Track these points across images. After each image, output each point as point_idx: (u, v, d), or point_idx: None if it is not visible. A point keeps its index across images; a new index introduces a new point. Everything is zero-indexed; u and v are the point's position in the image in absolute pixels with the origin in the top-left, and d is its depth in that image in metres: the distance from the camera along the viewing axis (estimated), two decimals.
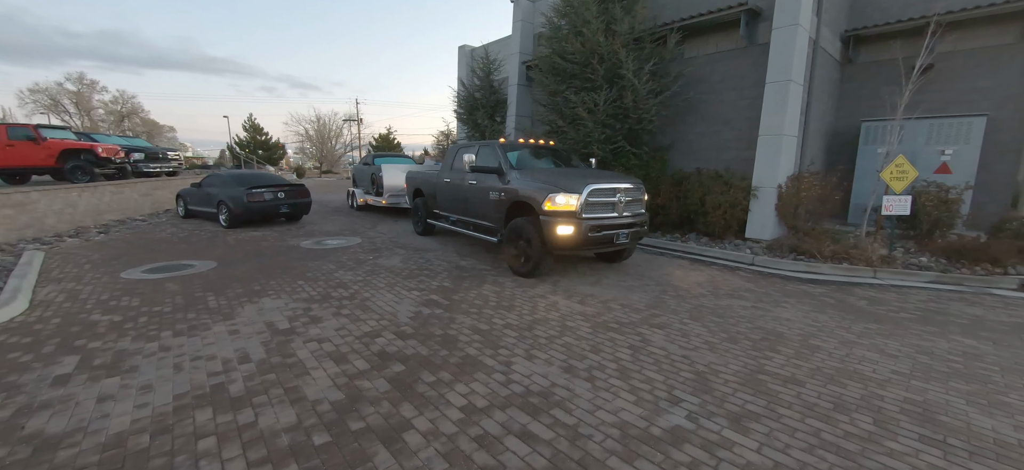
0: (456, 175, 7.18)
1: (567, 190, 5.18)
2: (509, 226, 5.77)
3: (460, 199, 7.10)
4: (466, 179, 6.80)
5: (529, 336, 3.74)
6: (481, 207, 6.50)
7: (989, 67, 8.12)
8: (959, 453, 2.26)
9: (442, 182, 7.65)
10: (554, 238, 5.12)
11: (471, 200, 6.75)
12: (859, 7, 9.42)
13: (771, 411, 2.63)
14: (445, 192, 7.60)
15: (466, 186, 6.83)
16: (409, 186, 9.21)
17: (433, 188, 8.03)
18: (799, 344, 3.67)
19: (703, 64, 9.28)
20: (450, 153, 7.78)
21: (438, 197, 7.85)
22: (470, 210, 6.84)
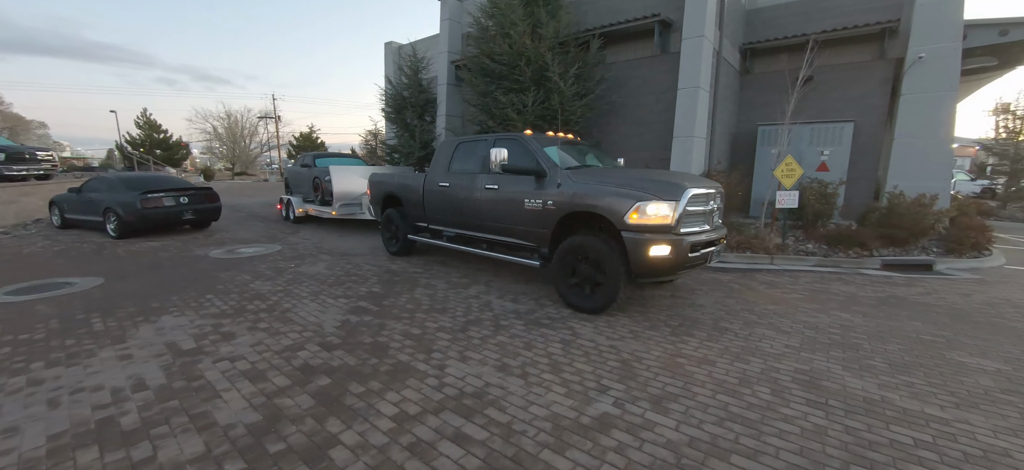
0: (459, 178, 5.67)
1: (660, 196, 3.91)
2: (565, 246, 4.38)
3: (467, 209, 5.52)
4: (480, 183, 5.33)
5: (463, 338, 3.72)
6: (508, 219, 5.03)
7: (854, 80, 9.49)
8: (837, 412, 2.62)
9: (434, 187, 6.01)
10: (644, 261, 3.87)
11: (489, 211, 5.23)
12: (753, 23, 10.54)
13: (687, 391, 2.85)
14: (439, 200, 5.96)
15: (480, 192, 5.31)
16: (374, 193, 7.42)
17: (416, 195, 6.36)
18: (710, 327, 4.02)
19: (624, 69, 9.84)
20: (443, 150, 6.10)
21: (428, 206, 6.19)
22: (486, 223, 5.32)
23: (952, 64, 8.03)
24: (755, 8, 10.59)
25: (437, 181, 6.01)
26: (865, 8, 9.21)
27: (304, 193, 11.12)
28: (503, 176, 5.07)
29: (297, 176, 11.72)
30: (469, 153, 5.72)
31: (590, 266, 4.25)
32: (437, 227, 6.20)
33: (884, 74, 9.22)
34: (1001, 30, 8.89)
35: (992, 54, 9.76)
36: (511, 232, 5.07)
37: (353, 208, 9.62)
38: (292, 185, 11.97)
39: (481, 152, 5.52)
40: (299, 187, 11.44)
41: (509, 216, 5.02)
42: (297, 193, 11.47)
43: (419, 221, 6.51)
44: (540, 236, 4.75)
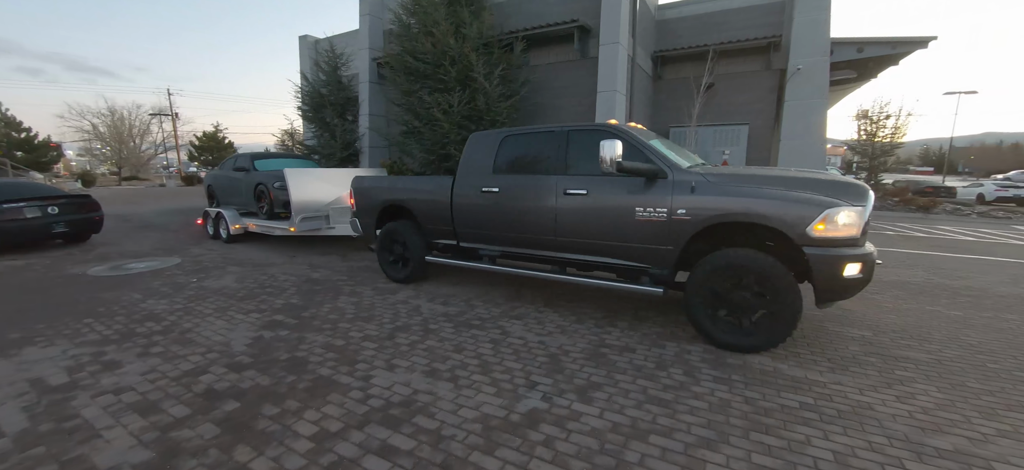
0: (515, 181, 4.45)
1: (850, 202, 3.20)
2: (709, 266, 3.41)
3: (533, 222, 4.32)
4: (555, 187, 4.15)
5: (390, 345, 3.59)
6: (608, 234, 3.91)
7: (748, 87, 10.63)
8: (739, 385, 2.91)
9: (473, 194, 4.71)
10: (838, 285, 3.13)
11: (574, 223, 4.08)
12: (663, 33, 11.39)
13: (611, 379, 3.00)
14: (480, 210, 4.67)
15: (557, 198, 4.14)
16: (364, 201, 5.80)
17: (438, 204, 4.99)
18: (631, 317, 4.27)
19: (547, 72, 10.13)
20: (481, 147, 4.78)
21: (460, 218, 4.86)
22: (568, 240, 4.16)
23: (822, 75, 9.31)
24: (664, 19, 11.45)
25: (477, 185, 4.65)
26: (754, 24, 10.36)
27: (241, 204, 8.76)
28: (595, 179, 3.94)
29: (228, 183, 9.09)
30: (529, 148, 4.50)
31: (752, 292, 3.31)
32: (471, 245, 4.88)
33: (771, 83, 10.44)
34: (858, 47, 10.47)
35: (852, 68, 11.45)
36: (610, 250, 3.94)
37: (317, 223, 7.42)
38: (220, 194, 9.41)
39: (553, 147, 4.28)
40: (232, 196, 9.00)
41: (610, 230, 3.87)
42: (229, 204, 9.02)
43: (442, 238, 5.12)
44: (660, 255, 3.69)
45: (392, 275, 5.61)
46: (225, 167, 9.57)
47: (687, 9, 11.37)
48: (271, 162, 8.85)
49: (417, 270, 5.37)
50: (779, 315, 3.23)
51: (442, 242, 5.22)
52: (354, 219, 6.02)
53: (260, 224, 8.01)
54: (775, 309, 3.23)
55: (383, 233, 5.60)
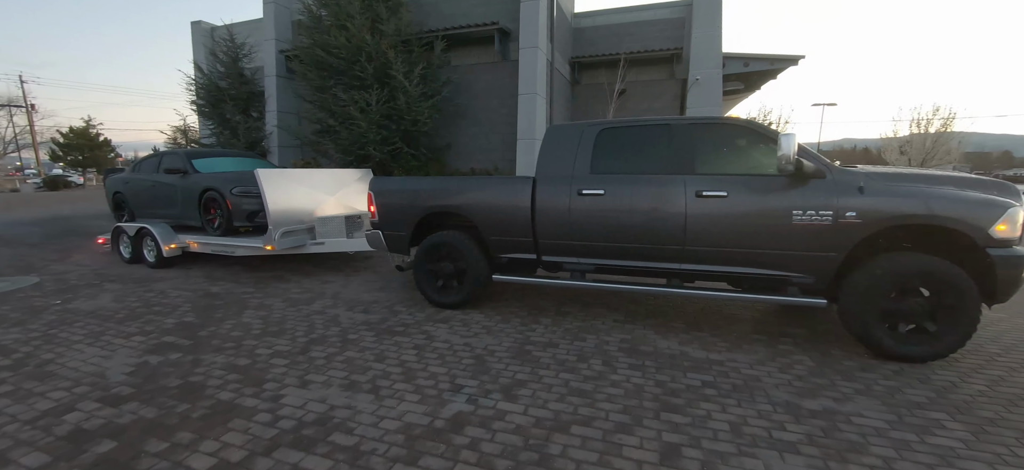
0: (626, 183, 3.81)
1: (1016, 198, 3.13)
2: (879, 271, 3.16)
3: (651, 229, 3.73)
4: (685, 189, 3.60)
5: (304, 361, 3.34)
6: (755, 241, 3.47)
7: (656, 94, 11.51)
8: (651, 370, 3.12)
9: (566, 198, 3.96)
10: (1016, 284, 3.05)
11: (711, 230, 3.57)
12: (579, 40, 11.93)
13: (535, 375, 3.07)
14: (582, 215, 3.93)
15: (687, 203, 3.59)
16: (391, 209, 4.71)
17: (512, 210, 4.17)
18: (554, 313, 4.41)
19: (469, 73, 10.11)
20: (568, 143, 4.11)
21: (546, 227, 4.08)
22: (702, 249, 3.63)
23: (716, 85, 10.36)
24: (580, 27, 12.00)
25: (572, 187, 3.95)
26: (659, 36, 11.25)
27: (173, 216, 6.74)
28: (737, 179, 3.52)
29: (151, 189, 6.95)
30: (638, 144, 3.93)
31: (932, 299, 3.14)
32: (557, 258, 4.17)
33: (675, 91, 11.41)
34: (745, 62, 11.81)
35: (740, 80, 12.90)
36: (753, 259, 3.52)
37: (300, 238, 5.76)
38: (136, 204, 7.24)
39: (671, 143, 3.76)
40: (157, 207, 6.92)
41: (759, 236, 3.45)
42: (157, 217, 6.87)
43: (514, 251, 4.29)
44: (819, 262, 3.35)
45: (439, 300, 4.50)
46: (143, 168, 7.31)
47: (600, 19, 12.03)
48: (216, 162, 6.88)
49: (476, 291, 4.41)
50: (960, 320, 3.08)
51: (513, 256, 4.32)
52: (375, 232, 4.79)
53: (210, 242, 6.13)
54: (956, 315, 3.08)
55: (426, 248, 4.50)
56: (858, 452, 2.21)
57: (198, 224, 6.42)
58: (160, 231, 6.42)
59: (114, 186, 7.73)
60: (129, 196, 7.36)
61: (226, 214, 5.99)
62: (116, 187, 7.67)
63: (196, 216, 6.36)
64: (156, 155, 7.36)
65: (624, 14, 11.83)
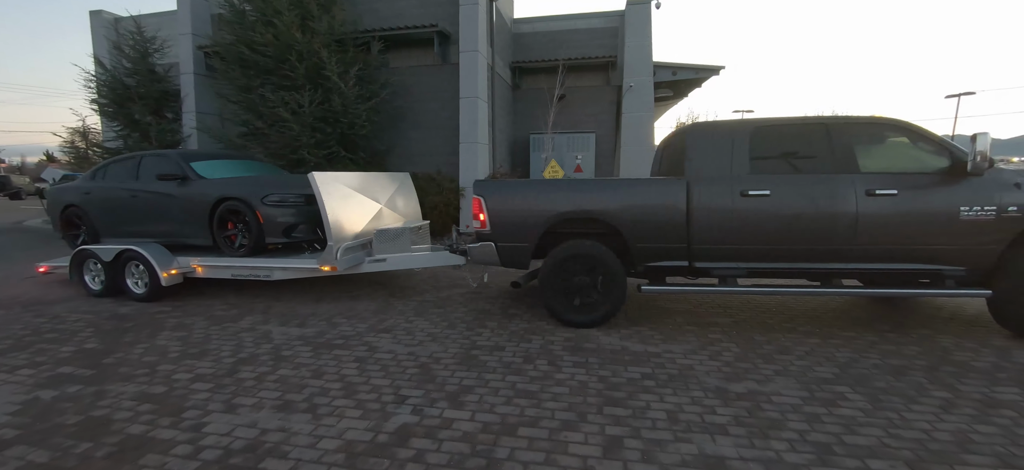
0: (791, 185, 3.71)
1: None
2: None
3: (817, 230, 3.65)
4: (852, 189, 3.59)
5: (231, 383, 3.08)
6: (920, 238, 3.56)
7: (594, 100, 11.94)
8: (594, 366, 3.22)
9: (728, 198, 3.77)
10: None
11: (880, 228, 3.58)
12: (519, 45, 12.10)
13: (481, 379, 3.05)
14: (744, 217, 3.75)
15: (857, 202, 3.58)
16: (508, 216, 4.20)
17: (666, 215, 3.86)
18: (500, 315, 4.42)
19: (409, 75, 9.89)
20: (720, 144, 3.90)
21: (703, 232, 3.83)
22: (869, 248, 3.63)
23: (648, 92, 10.95)
24: (519, 32, 12.18)
25: (734, 188, 3.76)
26: (595, 44, 11.70)
27: (167, 234, 5.46)
28: (905, 177, 3.58)
29: (134, 202, 5.57)
30: (794, 142, 3.86)
31: None
32: (710, 264, 3.93)
33: (611, 97, 11.91)
34: (673, 71, 12.59)
35: (669, 87, 13.73)
36: (918, 255, 3.61)
37: (358, 255, 4.93)
38: (104, 221, 5.83)
39: (829, 141, 3.74)
40: (142, 223, 5.57)
41: (927, 233, 3.54)
42: (135, 236, 5.54)
43: (662, 258, 3.98)
44: (980, 255, 3.51)
45: (577, 320, 4.04)
46: (111, 175, 5.86)
47: (539, 25, 12.28)
48: (215, 165, 5.67)
49: (619, 304, 4.02)
50: None
51: (659, 264, 4.00)
52: (486, 244, 4.23)
53: (228, 265, 5.02)
54: None
55: (561, 260, 4.04)
56: (778, 428, 2.42)
57: (203, 242, 5.27)
58: (154, 253, 5.00)
59: (64, 198, 6.08)
60: (91, 211, 5.84)
61: (256, 229, 4.89)
62: (68, 199, 6.03)
63: (202, 233, 5.20)
64: (129, 158, 5.86)
65: (561, 22, 12.17)
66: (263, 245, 5.06)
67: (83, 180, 6.18)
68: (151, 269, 4.96)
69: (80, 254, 5.39)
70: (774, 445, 2.27)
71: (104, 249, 5.24)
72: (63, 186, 6.46)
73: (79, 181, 6.28)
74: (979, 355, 3.39)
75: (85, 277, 5.43)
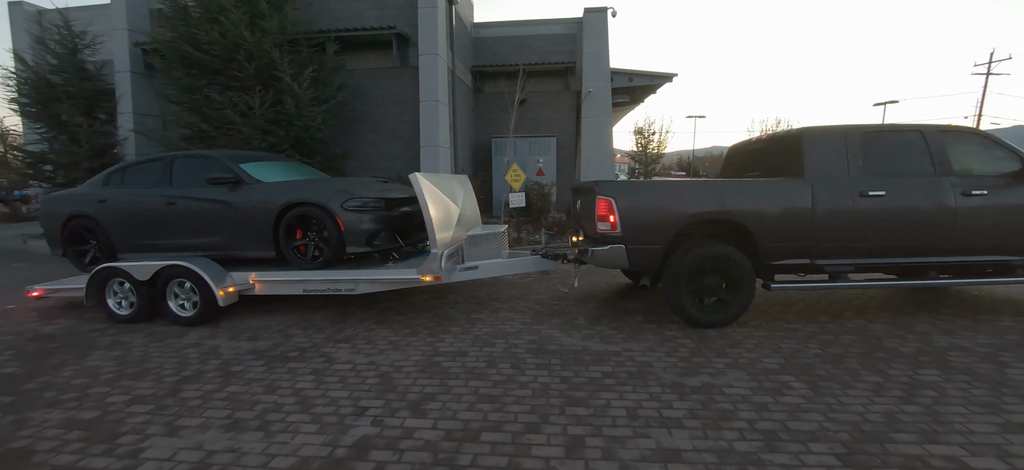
0: (901, 186, 4.03)
1: None
2: None
3: (922, 227, 4.03)
4: (954, 190, 4.01)
5: (173, 403, 2.88)
6: (1011, 231, 4.08)
7: (554, 105, 12.13)
8: (556, 367, 3.26)
9: (850, 199, 3.99)
10: None
11: (973, 223, 4.04)
12: (480, 49, 12.12)
13: (444, 387, 3.01)
14: (864, 217, 4.01)
15: (955, 200, 4.00)
16: (641, 218, 4.05)
17: (794, 215, 4.00)
18: (464, 321, 4.38)
19: (367, 77, 9.68)
20: (834, 142, 4.12)
21: (825, 231, 4.02)
22: (961, 243, 4.08)
23: (606, 98, 11.26)
24: (480, 37, 12.20)
25: (855, 189, 3.99)
26: (554, 50, 11.91)
27: (213, 246, 4.78)
28: (989, 180, 4.06)
29: (172, 210, 4.83)
30: (895, 147, 4.15)
31: None
32: (829, 262, 4.10)
33: (571, 102, 12.14)
34: (629, 77, 13.01)
35: (626, 93, 14.17)
36: (1003, 248, 4.09)
37: (456, 261, 4.68)
38: (128, 234, 5.01)
39: (921, 147, 4.12)
40: (181, 235, 4.85)
41: (1008, 227, 4.05)
42: (182, 248, 4.84)
43: (787, 257, 4.08)
44: None
45: (709, 320, 4.07)
46: (135, 179, 5.05)
47: (500, 30, 12.36)
48: (264, 167, 5.09)
49: (748, 303, 4.08)
50: None
51: (783, 262, 4.10)
52: (616, 247, 4.05)
53: (301, 279, 4.44)
54: None
55: (695, 261, 4.02)
56: (729, 419, 2.54)
57: (262, 254, 4.69)
58: (207, 269, 4.37)
59: (67, 208, 5.15)
60: (108, 222, 4.98)
61: (336, 238, 4.43)
62: (73, 209, 5.10)
63: (263, 244, 4.62)
64: (156, 160, 5.09)
65: (522, 27, 12.31)
66: (340, 256, 4.56)
67: (92, 186, 5.22)
68: (204, 288, 4.31)
69: (103, 273, 4.54)
70: (726, 435, 2.38)
71: (138, 266, 4.47)
72: (62, 194, 5.46)
73: (86, 188, 5.27)
74: (905, 341, 3.71)
75: (108, 300, 4.60)
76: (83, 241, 5.24)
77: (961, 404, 2.67)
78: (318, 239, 4.56)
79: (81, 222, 5.14)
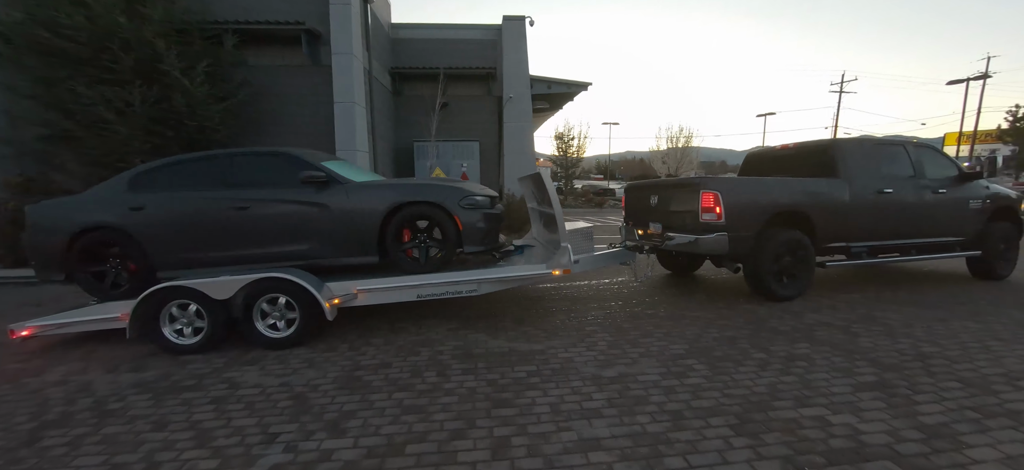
0: (899, 185, 5.37)
1: None
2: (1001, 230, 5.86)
3: (906, 217, 5.40)
4: (925, 189, 5.48)
5: (30, 455, 2.41)
6: (946, 224, 5.63)
7: (477, 110, 12.18)
8: (482, 371, 3.27)
9: (872, 196, 5.23)
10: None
11: (932, 215, 5.52)
12: (398, 51, 11.80)
13: (365, 401, 2.88)
14: (875, 211, 5.24)
15: (927, 197, 5.46)
16: (740, 210, 4.72)
17: (839, 207, 5.11)
18: (388, 331, 4.23)
19: (274, 75, 8.96)
20: (864, 151, 5.43)
21: (854, 220, 5.18)
22: (926, 229, 5.53)
23: (527, 104, 11.57)
24: (399, 38, 11.88)
25: (875, 188, 5.21)
26: (475, 55, 11.97)
27: (307, 254, 4.24)
28: (948, 181, 5.58)
29: (259, 217, 4.17)
30: (889, 157, 5.47)
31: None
32: (862, 244, 5.25)
33: (493, 107, 12.29)
34: (548, 85, 13.49)
35: (545, 100, 14.69)
36: (948, 231, 5.59)
37: (582, 255, 4.59)
38: (179, 244, 4.17)
39: (906, 158, 5.50)
40: (270, 242, 4.22)
41: (956, 216, 5.59)
42: (248, 260, 4.22)
43: (833, 241, 5.16)
44: (976, 229, 5.69)
45: (784, 293, 4.94)
46: (187, 182, 4.25)
47: (419, 32, 12.14)
48: (336, 165, 4.61)
49: (812, 279, 5.11)
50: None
51: (830, 245, 5.18)
52: (720, 235, 4.60)
53: (414, 284, 4.10)
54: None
55: (778, 245, 4.83)
56: (643, 404, 2.74)
57: (361, 260, 4.27)
58: (307, 279, 3.85)
59: (81, 219, 4.12)
60: (148, 234, 4.12)
61: (454, 238, 4.25)
62: (92, 220, 4.12)
63: (366, 248, 4.23)
64: (206, 158, 4.33)
65: (442, 31, 12.21)
66: (453, 257, 4.37)
67: (114, 192, 4.23)
68: (308, 302, 3.82)
69: (158, 296, 3.77)
70: (639, 419, 2.56)
71: (215, 282, 3.80)
72: (65, 203, 4.33)
73: (103, 193, 4.25)
74: (783, 320, 4.28)
75: (163, 329, 3.81)
76: (99, 260, 4.22)
77: (825, 371, 3.15)
78: (428, 240, 4.32)
79: (99, 236, 4.13)
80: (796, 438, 2.35)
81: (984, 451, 2.22)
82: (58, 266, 4.15)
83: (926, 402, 2.71)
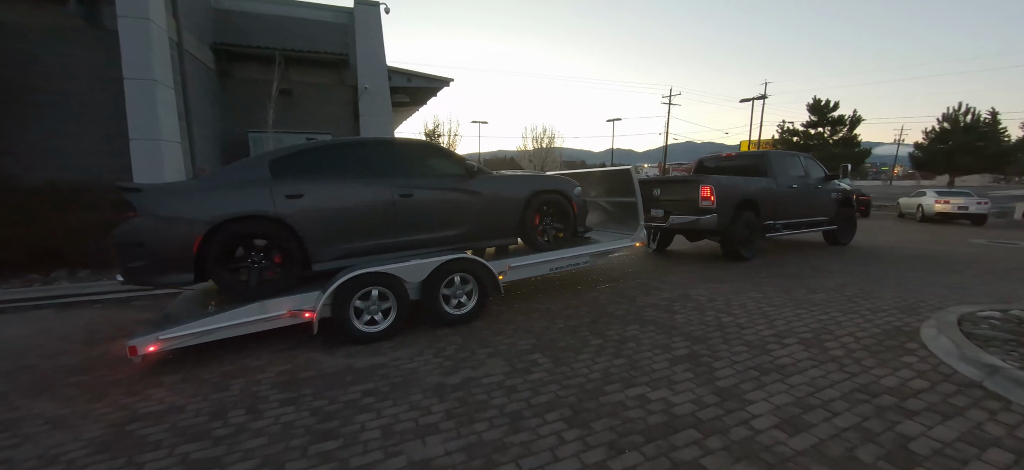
0: (796, 180, 7.92)
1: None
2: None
3: (796, 206, 7.80)
4: (810, 187, 8.10)
5: None
6: (818, 208, 8.22)
7: (327, 99, 11.01)
8: (306, 397, 2.80)
9: (788, 190, 7.66)
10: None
11: (804, 202, 7.94)
12: (224, 25, 10.00)
13: (131, 465, 2.20)
14: (786, 201, 7.63)
15: (796, 186, 7.78)
16: (725, 197, 6.75)
17: (773, 198, 7.42)
18: (191, 364, 3.41)
19: (29, 38, 6.75)
20: (786, 160, 8.11)
21: (776, 207, 7.48)
22: (801, 214, 7.92)
23: (384, 96, 10.87)
24: (223, 9, 10.06)
25: (788, 184, 7.65)
26: (324, 39, 10.80)
27: (470, 234, 4.43)
28: (809, 179, 8.13)
29: (426, 205, 4.16)
30: (796, 165, 8.12)
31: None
32: (778, 221, 7.48)
33: (347, 97, 11.24)
34: (408, 77, 12.91)
35: (406, 94, 14.07)
36: (810, 214, 8.07)
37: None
38: (367, 231, 3.92)
39: (802, 161, 8.28)
40: (429, 226, 4.21)
41: (818, 202, 8.14)
42: (425, 242, 4.22)
43: (772, 219, 7.39)
44: (830, 210, 8.43)
45: (748, 254, 7.08)
46: (340, 169, 3.93)
47: (252, 6, 10.44)
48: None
49: (760, 243, 7.36)
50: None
51: (770, 222, 7.36)
52: (712, 216, 6.51)
53: (545, 260, 4.72)
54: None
55: (743, 224, 6.94)
56: (483, 410, 2.62)
57: (505, 241, 4.78)
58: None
59: (223, 209, 3.38)
60: (308, 224, 3.65)
61: (572, 220, 5.05)
62: (239, 209, 3.42)
63: (508, 230, 4.67)
64: (349, 145, 4.13)
65: (283, 7, 10.71)
66: (570, 236, 5.10)
67: (258, 175, 3.64)
68: (487, 279, 4.30)
69: (348, 286, 3.63)
70: (477, 427, 2.43)
71: (411, 266, 3.90)
72: (196, 187, 3.53)
73: (241, 176, 3.63)
74: (619, 305, 4.65)
75: (353, 319, 3.70)
76: (234, 256, 3.55)
77: (649, 349, 3.46)
78: (550, 224, 5.01)
79: (247, 227, 3.51)
80: (620, 421, 2.47)
81: (760, 405, 2.61)
82: (186, 265, 3.33)
83: (722, 367, 3.13)
